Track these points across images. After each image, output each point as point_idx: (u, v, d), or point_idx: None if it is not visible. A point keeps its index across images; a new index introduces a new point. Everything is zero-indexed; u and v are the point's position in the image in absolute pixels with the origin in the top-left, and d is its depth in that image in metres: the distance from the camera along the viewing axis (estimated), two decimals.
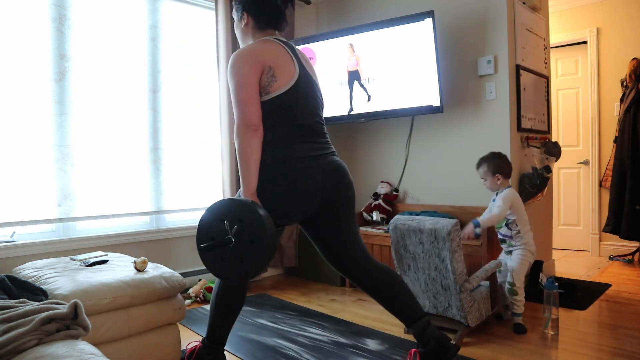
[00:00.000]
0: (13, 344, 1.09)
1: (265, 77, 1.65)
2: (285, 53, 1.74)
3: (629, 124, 4.02)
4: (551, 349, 2.25)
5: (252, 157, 1.64)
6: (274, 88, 1.65)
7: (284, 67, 1.69)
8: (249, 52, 1.67)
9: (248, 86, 1.63)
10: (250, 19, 1.81)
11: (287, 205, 1.71)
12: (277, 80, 1.66)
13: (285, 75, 1.68)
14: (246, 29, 1.83)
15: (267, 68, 1.65)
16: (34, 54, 2.62)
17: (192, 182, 3.34)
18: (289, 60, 1.74)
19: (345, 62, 3.44)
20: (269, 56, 1.67)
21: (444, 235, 2.18)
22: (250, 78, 1.64)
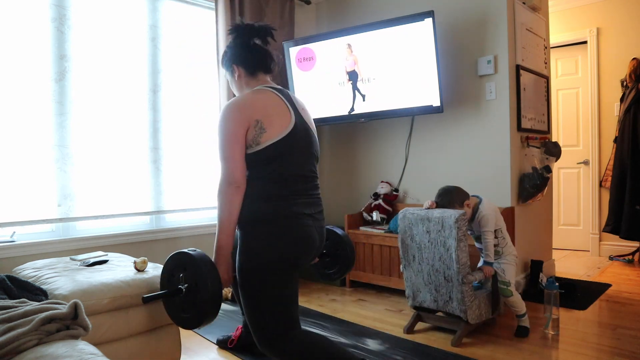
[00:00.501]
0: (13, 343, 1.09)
1: (253, 130, 1.61)
2: (278, 102, 1.69)
3: (629, 124, 4.02)
4: (551, 349, 2.25)
5: (232, 215, 1.61)
6: (264, 139, 1.61)
7: (275, 117, 1.65)
8: (236, 107, 1.64)
9: (233, 143, 1.61)
10: (240, 69, 1.79)
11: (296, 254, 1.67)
12: (266, 131, 1.61)
13: (276, 126, 1.63)
14: (240, 81, 1.81)
15: (254, 122, 1.61)
16: (34, 54, 2.62)
17: (192, 182, 3.34)
18: (282, 109, 1.68)
19: (343, 62, 3.44)
20: (256, 109, 1.63)
21: (451, 223, 2.22)
22: (236, 135, 1.61)
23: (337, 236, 2.11)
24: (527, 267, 3.27)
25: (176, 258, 1.65)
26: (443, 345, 2.32)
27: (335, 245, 2.11)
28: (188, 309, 1.60)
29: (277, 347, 1.62)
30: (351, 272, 3.43)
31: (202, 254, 1.60)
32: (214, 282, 1.54)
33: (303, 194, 1.71)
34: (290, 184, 1.66)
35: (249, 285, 1.63)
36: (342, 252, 2.11)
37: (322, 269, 2.18)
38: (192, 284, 1.58)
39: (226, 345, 2.34)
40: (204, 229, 3.33)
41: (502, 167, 3.07)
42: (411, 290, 2.49)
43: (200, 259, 1.56)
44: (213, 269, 1.56)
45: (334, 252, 2.12)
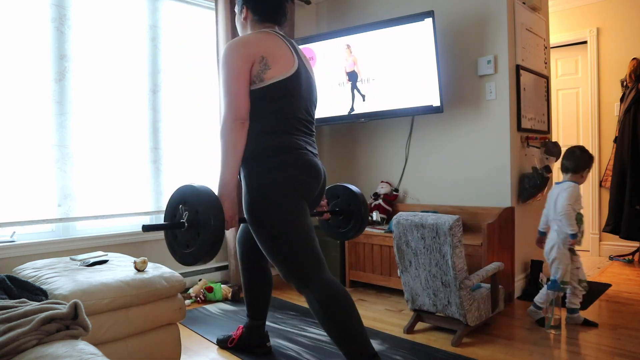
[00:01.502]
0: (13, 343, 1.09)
1: (258, 66, 1.63)
2: (282, 44, 1.73)
3: (629, 124, 4.02)
4: (551, 349, 2.25)
5: (237, 151, 1.62)
6: (268, 76, 1.63)
7: (279, 57, 1.67)
8: (241, 43, 1.66)
9: (238, 78, 1.61)
10: (248, 13, 1.81)
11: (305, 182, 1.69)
12: (270, 68, 1.63)
13: (280, 64, 1.66)
14: (245, 23, 1.83)
15: (259, 58, 1.63)
16: (34, 54, 2.62)
17: (193, 182, 3.34)
18: (286, 51, 1.72)
19: (343, 62, 3.44)
20: (262, 46, 1.65)
21: (446, 230, 2.20)
22: (241, 69, 1.62)
23: (349, 191, 2.09)
24: (527, 267, 3.27)
25: (182, 190, 1.62)
26: (443, 345, 2.32)
27: (347, 202, 2.09)
28: (189, 245, 1.57)
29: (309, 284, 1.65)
30: (351, 272, 3.43)
31: (207, 188, 1.58)
32: (217, 217, 1.51)
33: (304, 133, 1.75)
34: (292, 123, 1.70)
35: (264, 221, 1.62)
36: (355, 208, 2.08)
37: (336, 228, 2.16)
38: (194, 218, 1.54)
39: (226, 345, 2.34)
40: None
41: (502, 167, 3.07)
42: (410, 294, 2.49)
43: (204, 193, 1.54)
44: (217, 204, 1.54)
45: (347, 208, 2.10)
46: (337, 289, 1.68)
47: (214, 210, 1.51)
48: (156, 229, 1.57)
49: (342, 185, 2.15)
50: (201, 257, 1.53)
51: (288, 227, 1.64)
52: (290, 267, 1.67)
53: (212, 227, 1.49)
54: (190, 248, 1.56)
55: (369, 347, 1.67)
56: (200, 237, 1.52)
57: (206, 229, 1.50)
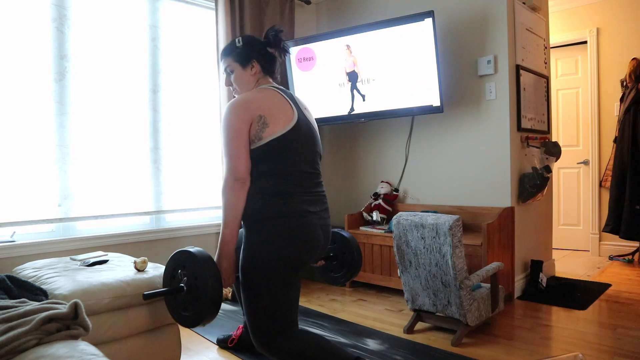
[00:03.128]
0: (13, 343, 1.09)
1: (256, 125, 1.64)
2: (281, 99, 1.73)
3: (629, 124, 4.02)
4: (551, 349, 2.25)
5: (238, 211, 1.63)
6: (266, 134, 1.63)
7: (277, 113, 1.67)
8: (241, 103, 1.66)
9: (238, 139, 1.63)
10: (258, 67, 1.82)
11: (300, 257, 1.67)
12: (269, 126, 1.64)
13: (279, 121, 1.66)
14: (253, 78, 1.83)
15: (257, 117, 1.64)
16: (34, 54, 2.62)
17: (193, 182, 3.34)
18: (285, 106, 1.72)
19: (343, 63, 3.44)
20: (260, 105, 1.66)
21: (445, 230, 2.20)
22: (240, 131, 1.64)
23: (344, 239, 2.10)
24: (527, 267, 3.27)
25: (178, 256, 1.66)
26: (443, 345, 2.32)
27: (342, 249, 2.10)
28: (189, 307, 1.60)
29: (273, 345, 1.63)
30: None
31: (203, 252, 1.60)
32: (215, 281, 1.54)
33: (307, 191, 1.72)
34: (294, 180, 1.68)
35: (250, 283, 1.63)
36: (349, 256, 2.09)
37: (328, 272, 2.17)
38: (192, 282, 1.58)
39: (226, 345, 2.34)
40: (204, 229, 3.33)
41: (502, 167, 3.07)
42: (410, 294, 2.49)
43: (201, 257, 1.57)
44: (214, 268, 1.57)
45: (340, 255, 2.11)
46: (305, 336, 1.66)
47: (210, 274, 1.54)
48: (158, 296, 1.62)
49: (338, 233, 2.13)
50: (202, 319, 1.57)
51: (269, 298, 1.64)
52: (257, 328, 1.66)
53: (210, 292, 1.53)
54: (190, 311, 1.60)
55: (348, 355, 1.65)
56: (200, 301, 1.56)
57: (205, 294, 1.53)
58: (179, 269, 1.64)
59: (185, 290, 1.60)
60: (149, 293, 1.60)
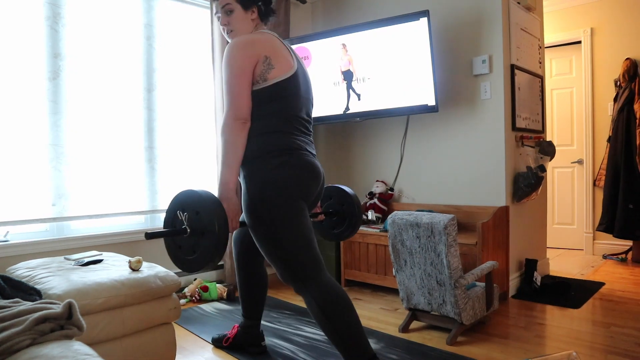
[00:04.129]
0: (6, 344, 1.08)
1: (261, 65, 1.65)
2: (282, 45, 1.78)
3: (622, 123, 4.04)
4: (545, 347, 2.26)
5: (238, 151, 1.63)
6: (272, 75, 1.65)
7: (281, 57, 1.70)
8: (246, 42, 1.67)
9: (241, 77, 1.63)
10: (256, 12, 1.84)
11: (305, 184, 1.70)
12: (274, 68, 1.66)
13: (283, 65, 1.69)
14: (252, 23, 1.85)
15: (263, 57, 1.65)
16: (28, 52, 2.60)
17: (187, 181, 3.34)
18: (286, 52, 1.77)
19: (338, 62, 3.44)
20: (266, 46, 1.68)
21: (440, 229, 2.20)
22: (245, 69, 1.63)
23: (341, 192, 2.10)
24: (521, 266, 3.28)
25: (181, 196, 1.61)
26: (438, 344, 2.33)
27: (340, 202, 2.10)
28: (193, 251, 1.55)
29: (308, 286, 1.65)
30: (346, 271, 3.43)
31: (205, 191, 1.57)
32: (220, 219, 1.48)
33: (303, 133, 1.78)
34: (293, 123, 1.72)
35: (263, 222, 1.62)
36: (348, 208, 2.08)
37: (330, 229, 2.16)
38: (196, 223, 1.52)
39: (221, 344, 2.33)
40: None
41: (497, 166, 3.08)
42: (405, 293, 2.50)
43: (206, 196, 1.53)
44: (219, 207, 1.52)
45: (340, 209, 2.10)
46: (336, 290, 1.68)
47: (215, 211, 1.49)
48: (159, 236, 1.54)
49: (335, 187, 2.15)
50: (207, 261, 1.51)
51: (287, 228, 1.64)
52: (288, 268, 1.67)
53: (217, 229, 1.47)
54: (195, 254, 1.54)
55: (368, 348, 1.68)
56: (204, 241, 1.50)
57: (210, 232, 1.48)
58: (181, 211, 1.58)
59: (188, 231, 1.54)
60: (151, 232, 1.52)
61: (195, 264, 1.54)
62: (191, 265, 1.56)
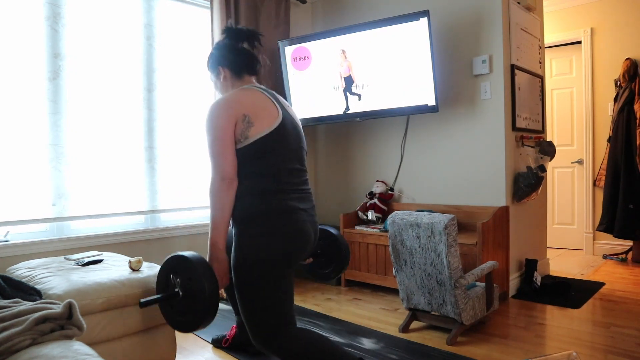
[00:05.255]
0: (7, 344, 1.08)
1: (241, 124, 1.62)
2: (264, 98, 1.72)
3: (623, 123, 4.04)
4: (545, 348, 2.26)
5: (225, 211, 1.62)
6: (252, 133, 1.62)
7: (261, 112, 1.66)
8: (223, 104, 1.65)
9: (222, 139, 1.62)
10: (226, 71, 1.81)
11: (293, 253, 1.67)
12: (254, 125, 1.63)
13: (264, 119, 1.65)
14: (225, 83, 1.83)
15: (242, 116, 1.63)
16: (28, 52, 2.60)
17: (188, 181, 3.34)
18: (269, 104, 1.71)
19: (338, 68, 3.44)
20: (244, 104, 1.65)
21: (441, 230, 2.20)
22: (225, 130, 1.62)
23: (331, 235, 2.11)
24: (521, 266, 3.28)
25: (172, 261, 1.64)
26: (438, 344, 2.33)
27: (329, 245, 2.11)
28: (185, 313, 1.59)
29: (273, 343, 1.63)
30: (346, 271, 3.43)
31: (197, 256, 1.59)
32: (211, 284, 1.53)
33: (295, 188, 1.72)
34: (282, 178, 1.68)
35: (245, 282, 1.62)
36: (336, 251, 2.10)
37: (317, 269, 2.17)
38: (188, 286, 1.57)
39: (221, 345, 2.33)
40: (198, 228, 3.32)
41: (497, 166, 3.08)
42: (405, 293, 2.50)
43: (195, 261, 1.56)
44: (209, 271, 1.55)
45: (328, 251, 2.11)
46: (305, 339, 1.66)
47: (206, 276, 1.53)
48: (154, 303, 1.60)
49: (324, 229, 2.14)
50: (199, 323, 1.56)
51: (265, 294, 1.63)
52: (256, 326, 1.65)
53: (208, 294, 1.51)
54: (187, 316, 1.59)
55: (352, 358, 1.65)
56: (196, 305, 1.54)
57: (201, 296, 1.51)
58: (173, 274, 1.63)
59: (180, 295, 1.59)
60: (145, 300, 1.58)
61: (188, 325, 1.59)
62: (184, 326, 1.61)
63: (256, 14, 3.55)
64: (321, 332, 2.54)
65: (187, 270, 1.57)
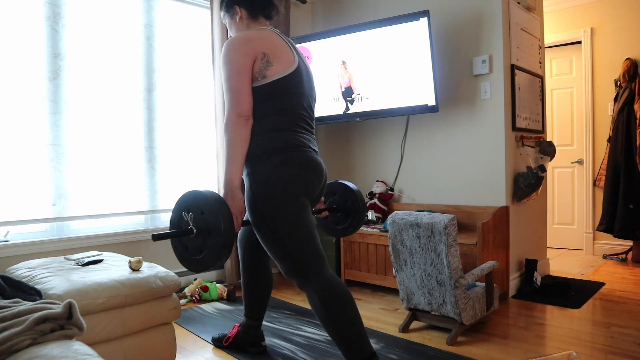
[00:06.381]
0: (6, 344, 1.08)
1: (260, 63, 1.63)
2: (281, 41, 1.74)
3: (623, 123, 4.04)
4: (545, 348, 2.26)
5: (242, 147, 1.62)
6: (270, 72, 1.64)
7: (280, 54, 1.68)
8: (243, 39, 1.65)
9: (241, 75, 1.61)
10: (243, 11, 1.81)
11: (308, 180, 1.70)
12: (273, 65, 1.64)
13: (282, 61, 1.67)
14: (241, 23, 1.83)
15: (261, 54, 1.63)
16: (28, 52, 2.60)
17: (187, 181, 3.34)
18: (286, 48, 1.73)
19: (339, 79, 3.45)
20: (263, 43, 1.66)
21: (441, 230, 2.20)
22: (244, 66, 1.62)
23: (345, 188, 2.10)
24: (521, 266, 3.28)
25: (186, 198, 1.61)
26: (438, 344, 2.33)
27: (344, 198, 2.10)
28: (201, 250, 1.55)
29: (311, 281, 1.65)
30: (346, 271, 3.43)
31: (212, 192, 1.57)
32: (226, 219, 1.49)
33: (306, 130, 1.77)
34: (295, 120, 1.71)
35: (267, 216, 1.62)
36: (352, 204, 2.09)
37: (334, 225, 2.17)
38: (203, 222, 1.53)
39: (221, 344, 2.33)
40: None
41: (497, 166, 3.08)
42: (405, 293, 2.50)
43: (210, 196, 1.53)
44: (224, 206, 1.53)
45: (343, 204, 2.11)
46: (338, 287, 1.69)
47: (220, 210, 1.49)
48: (166, 237, 1.55)
49: (338, 182, 2.16)
50: (214, 260, 1.51)
51: (290, 224, 1.64)
52: (291, 264, 1.67)
53: (223, 229, 1.47)
54: (202, 253, 1.54)
55: (368, 346, 1.68)
56: (210, 240, 1.51)
57: (216, 232, 1.48)
58: (187, 211, 1.58)
59: (194, 232, 1.55)
60: (158, 234, 1.52)
61: (202, 263, 1.55)
62: (199, 265, 1.57)
63: None
64: (321, 332, 2.54)
65: (201, 205, 1.54)
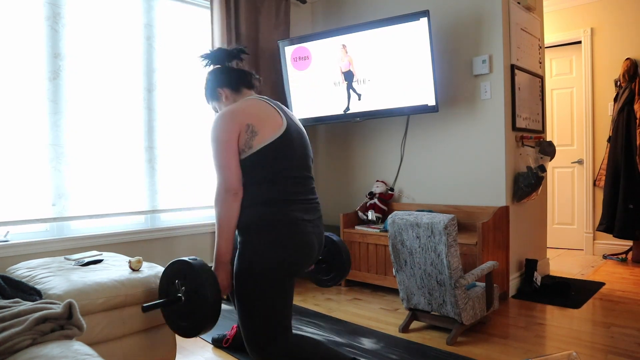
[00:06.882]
0: (7, 343, 1.08)
1: (245, 135, 1.63)
2: (268, 107, 1.72)
3: (623, 123, 4.04)
4: (545, 348, 2.27)
5: (231, 222, 1.62)
6: (256, 142, 1.63)
7: (266, 120, 1.66)
8: (226, 115, 1.66)
9: (227, 151, 1.62)
10: (226, 90, 1.82)
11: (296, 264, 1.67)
12: (258, 134, 1.63)
13: (268, 127, 1.65)
14: (227, 101, 1.84)
15: (245, 126, 1.63)
16: (28, 52, 2.60)
17: (187, 181, 3.34)
18: (273, 113, 1.71)
19: (338, 63, 3.44)
20: (247, 114, 1.66)
21: (441, 229, 2.20)
22: (228, 142, 1.63)
23: (333, 243, 2.11)
24: (521, 266, 3.28)
25: (175, 266, 1.64)
26: (438, 344, 2.33)
27: (331, 252, 2.11)
28: (187, 318, 1.59)
29: (268, 353, 1.62)
30: None
31: (201, 262, 1.59)
32: (213, 290, 1.53)
33: (301, 198, 1.71)
34: (287, 187, 1.67)
35: (245, 290, 1.62)
36: (338, 259, 2.10)
37: (317, 275, 2.17)
38: (191, 292, 1.57)
39: (221, 344, 2.33)
40: (199, 228, 3.33)
41: (497, 166, 3.08)
42: (405, 293, 2.50)
43: (199, 268, 1.56)
44: (212, 278, 1.56)
45: (330, 259, 2.12)
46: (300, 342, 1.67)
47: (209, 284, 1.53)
48: (157, 307, 1.60)
49: (326, 236, 2.13)
50: (200, 329, 1.56)
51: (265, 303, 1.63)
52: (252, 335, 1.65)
53: (210, 302, 1.51)
54: (188, 321, 1.59)
55: None
56: (199, 311, 1.55)
57: (204, 304, 1.52)
58: (176, 279, 1.63)
59: (183, 300, 1.59)
60: (147, 305, 1.57)
61: (189, 330, 1.60)
62: (186, 331, 1.62)
63: (256, 14, 3.55)
64: (321, 332, 2.54)
65: (190, 276, 1.58)
